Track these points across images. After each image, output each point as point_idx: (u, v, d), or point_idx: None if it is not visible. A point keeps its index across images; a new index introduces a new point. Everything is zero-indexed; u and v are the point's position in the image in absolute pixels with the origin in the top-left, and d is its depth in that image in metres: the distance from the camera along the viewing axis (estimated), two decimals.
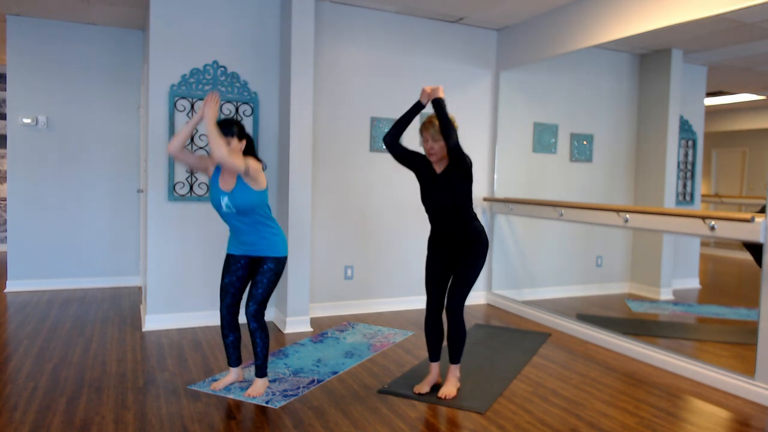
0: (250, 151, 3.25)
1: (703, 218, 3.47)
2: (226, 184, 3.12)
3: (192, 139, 4.48)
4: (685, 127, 5.67)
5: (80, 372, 3.46)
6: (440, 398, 3.15)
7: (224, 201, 3.10)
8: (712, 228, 3.43)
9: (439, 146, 3.07)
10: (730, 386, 3.40)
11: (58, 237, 5.79)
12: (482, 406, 3.08)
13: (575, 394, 3.30)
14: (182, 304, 4.54)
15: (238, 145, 3.12)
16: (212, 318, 4.59)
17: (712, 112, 5.87)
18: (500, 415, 2.98)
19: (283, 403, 3.06)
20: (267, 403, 3.06)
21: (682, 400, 3.29)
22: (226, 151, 2.95)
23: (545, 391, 3.34)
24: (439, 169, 3.16)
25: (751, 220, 3.18)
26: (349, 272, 5.12)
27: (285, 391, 3.24)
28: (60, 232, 5.80)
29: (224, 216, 3.18)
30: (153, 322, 4.43)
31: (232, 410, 2.96)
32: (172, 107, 4.40)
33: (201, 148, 4.50)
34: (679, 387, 3.47)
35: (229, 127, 3.09)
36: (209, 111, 3.00)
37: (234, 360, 3.30)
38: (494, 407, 3.08)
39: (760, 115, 5.88)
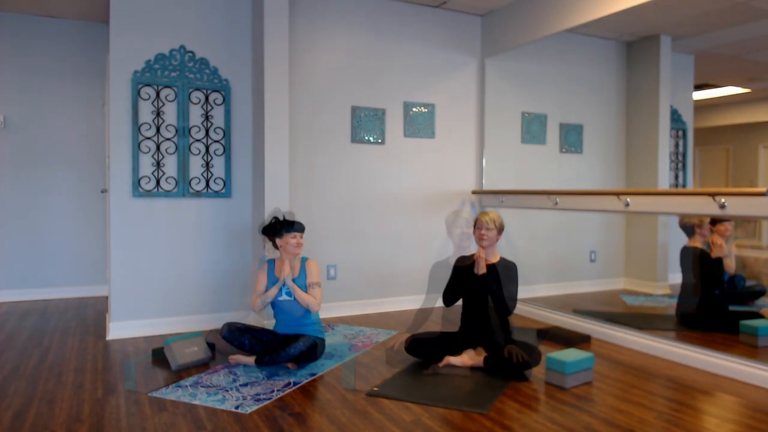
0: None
1: (713, 195, 3.22)
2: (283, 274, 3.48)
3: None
4: (674, 117, 5.47)
5: (32, 384, 3.08)
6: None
7: (284, 290, 3.46)
8: (723, 206, 3.18)
9: (491, 234, 3.43)
10: (746, 375, 3.14)
11: (18, 245, 5.36)
12: (483, 406, 2.77)
13: (583, 390, 3.00)
14: (150, 309, 4.17)
15: (302, 240, 3.52)
16: (183, 324, 4.23)
17: (695, 108, 5.67)
18: (505, 415, 2.67)
19: (255, 407, 2.72)
20: (237, 408, 2.72)
21: (699, 391, 3.01)
22: (319, 306, 3.48)
23: (551, 387, 3.04)
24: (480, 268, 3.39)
25: (766, 194, 2.94)
26: (332, 272, 4.78)
27: (257, 395, 2.90)
28: (20, 239, 5.37)
29: (277, 305, 3.50)
30: (118, 329, 4.05)
31: (202, 420, 2.61)
32: (136, 95, 4.06)
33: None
34: (693, 379, 3.19)
35: (293, 225, 3.50)
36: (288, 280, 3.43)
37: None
38: (497, 407, 2.77)
39: (743, 110, 5.70)
